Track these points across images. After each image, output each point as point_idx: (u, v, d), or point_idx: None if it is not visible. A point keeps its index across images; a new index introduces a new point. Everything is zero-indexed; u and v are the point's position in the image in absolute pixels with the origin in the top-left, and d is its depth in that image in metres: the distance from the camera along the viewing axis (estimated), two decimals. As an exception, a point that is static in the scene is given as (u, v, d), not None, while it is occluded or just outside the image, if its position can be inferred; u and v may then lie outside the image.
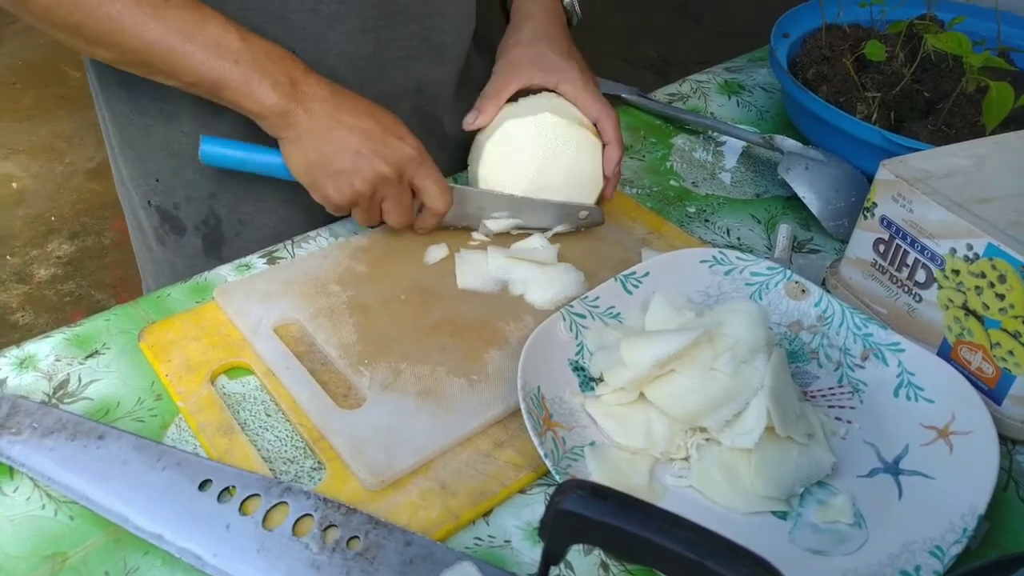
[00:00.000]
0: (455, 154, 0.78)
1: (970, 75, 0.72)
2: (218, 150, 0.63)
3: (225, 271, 0.66)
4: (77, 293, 1.99)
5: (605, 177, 0.69)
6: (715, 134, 0.88)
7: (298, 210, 0.73)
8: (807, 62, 0.84)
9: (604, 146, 0.69)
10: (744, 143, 0.86)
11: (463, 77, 0.77)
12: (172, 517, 0.46)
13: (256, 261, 0.67)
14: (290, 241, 0.69)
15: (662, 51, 2.69)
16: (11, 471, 0.49)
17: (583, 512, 0.26)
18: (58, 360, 0.57)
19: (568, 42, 0.72)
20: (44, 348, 0.58)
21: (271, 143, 0.63)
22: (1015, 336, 0.52)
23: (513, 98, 0.70)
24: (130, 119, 0.70)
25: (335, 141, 0.60)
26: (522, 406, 0.50)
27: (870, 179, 0.76)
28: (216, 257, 0.75)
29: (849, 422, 0.56)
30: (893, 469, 0.52)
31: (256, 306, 0.60)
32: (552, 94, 0.69)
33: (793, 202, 0.78)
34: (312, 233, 0.70)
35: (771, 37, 0.86)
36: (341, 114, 0.60)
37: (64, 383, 0.55)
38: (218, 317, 0.60)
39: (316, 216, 0.71)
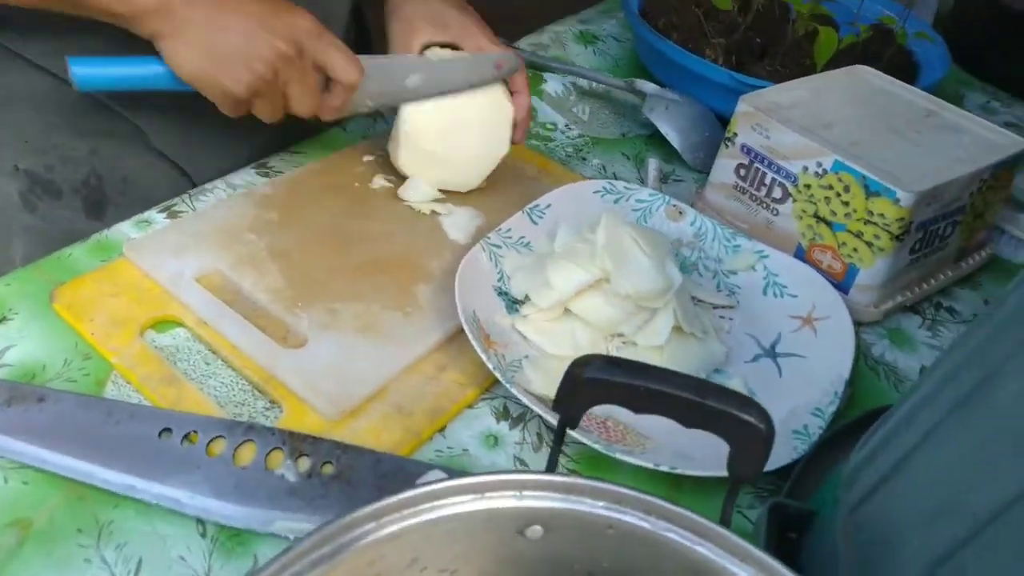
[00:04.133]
0: None
1: (800, 21, 0.83)
2: (93, 70, 0.58)
3: (124, 227, 0.63)
4: None
5: (515, 123, 0.71)
6: (576, 79, 0.94)
7: (189, 159, 0.71)
8: (657, 12, 0.92)
9: (512, 94, 0.71)
10: (605, 87, 0.94)
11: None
12: (140, 467, 0.46)
13: (155, 216, 0.65)
14: (187, 195, 0.68)
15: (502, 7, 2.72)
16: (-61, 445, 0.47)
17: (604, 376, 0.32)
18: (-40, 330, 0.53)
19: None
20: (-59, 319, 0.54)
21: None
22: (858, 235, 0.64)
23: None
24: None
25: (223, 25, 0.56)
26: (465, 328, 0.54)
27: (718, 116, 0.87)
28: (98, 219, 0.71)
29: (731, 319, 0.65)
30: (771, 353, 0.62)
31: (171, 259, 0.59)
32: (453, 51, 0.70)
33: (654, 139, 0.87)
34: (208, 186, 0.69)
35: (623, -13, 0.94)
36: None
37: (-26, 352, 0.52)
38: (132, 273, 0.58)
39: (209, 165, 0.70)
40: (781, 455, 0.51)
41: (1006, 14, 1.05)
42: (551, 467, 0.37)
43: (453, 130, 0.69)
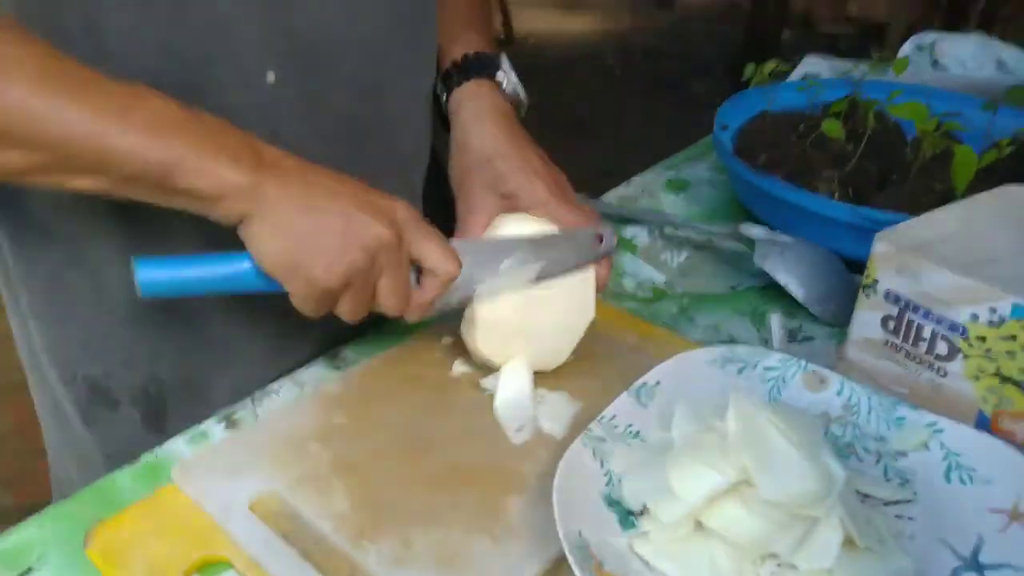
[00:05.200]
0: None
1: (927, 142, 0.72)
2: (161, 273, 0.51)
3: (178, 444, 0.56)
4: (-32, 489, 1.76)
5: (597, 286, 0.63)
6: (670, 231, 0.86)
7: (256, 361, 0.64)
8: (754, 149, 0.84)
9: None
10: (706, 236, 0.84)
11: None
12: None
13: (213, 427, 0.58)
14: (249, 399, 0.61)
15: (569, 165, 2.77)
16: None
17: None
18: (-20, 588, 0.46)
19: (521, 143, 0.64)
20: (-39, 576, 0.46)
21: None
22: (1065, 400, 0.50)
23: None
24: (49, 274, 0.61)
25: (317, 206, 0.50)
26: (571, 559, 0.43)
27: (844, 259, 0.76)
28: (158, 431, 0.64)
29: (911, 519, 0.51)
30: (975, 565, 0.47)
31: (224, 483, 0.51)
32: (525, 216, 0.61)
33: (770, 291, 0.76)
34: (274, 386, 0.62)
35: (714, 128, 0.87)
36: (318, 178, 0.51)
37: (-9, 618, 0.44)
38: (180, 502, 0.50)
39: (279, 361, 0.64)
40: None
41: None
42: None
43: (532, 302, 0.60)
